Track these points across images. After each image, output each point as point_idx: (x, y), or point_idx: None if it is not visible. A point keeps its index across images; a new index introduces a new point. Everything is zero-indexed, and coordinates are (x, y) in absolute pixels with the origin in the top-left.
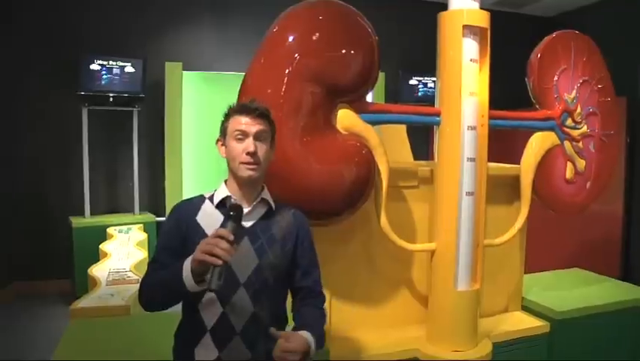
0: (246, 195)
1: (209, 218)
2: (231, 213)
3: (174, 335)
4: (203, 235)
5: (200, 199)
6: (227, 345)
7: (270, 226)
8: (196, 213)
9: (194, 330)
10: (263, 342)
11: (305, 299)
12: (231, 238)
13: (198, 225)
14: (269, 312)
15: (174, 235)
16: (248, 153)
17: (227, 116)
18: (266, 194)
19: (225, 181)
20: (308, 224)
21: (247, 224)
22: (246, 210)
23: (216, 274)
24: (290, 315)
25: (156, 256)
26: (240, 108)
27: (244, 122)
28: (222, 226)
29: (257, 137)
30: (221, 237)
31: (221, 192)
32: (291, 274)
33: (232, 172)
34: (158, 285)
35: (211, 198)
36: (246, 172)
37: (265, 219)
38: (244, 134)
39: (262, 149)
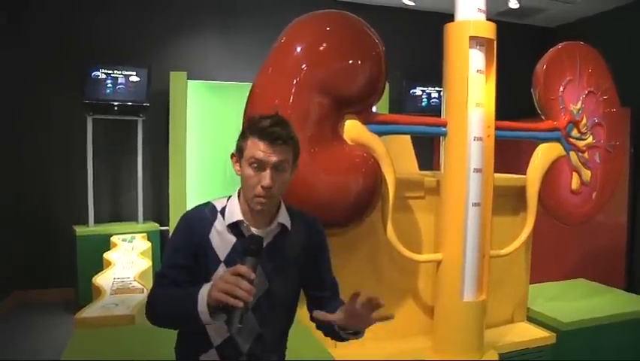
0: (259, 219)
1: (221, 240)
2: (251, 246)
3: (174, 349)
4: (215, 257)
5: (212, 212)
6: None
7: (284, 245)
8: (209, 230)
9: (200, 343)
10: (269, 358)
11: (330, 301)
12: (252, 276)
13: (210, 244)
14: (275, 333)
15: (185, 251)
16: (263, 187)
17: (245, 136)
18: (282, 216)
19: (238, 194)
20: (322, 232)
21: None
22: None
23: (237, 317)
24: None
25: (166, 271)
26: (260, 132)
27: (262, 150)
28: (241, 260)
29: (276, 167)
30: (241, 275)
31: (234, 214)
32: (306, 285)
33: (245, 198)
34: (170, 308)
35: (222, 212)
36: (257, 206)
37: (279, 240)
38: (261, 165)
39: (280, 179)
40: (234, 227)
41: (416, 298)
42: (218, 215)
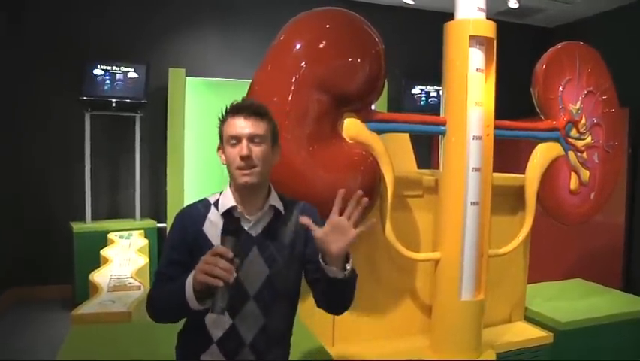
0: (251, 202)
1: (216, 229)
2: (229, 227)
3: (176, 347)
4: (211, 247)
5: (205, 206)
6: (236, 356)
7: (279, 231)
8: (202, 223)
9: (199, 340)
10: (272, 353)
11: None
12: (230, 255)
13: (205, 236)
14: (280, 322)
15: (181, 247)
16: (242, 158)
17: (222, 121)
18: (274, 199)
19: (230, 185)
20: (316, 212)
21: (254, 233)
22: (251, 221)
23: (219, 297)
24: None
25: (163, 268)
26: (231, 109)
27: (237, 125)
28: (221, 242)
29: (251, 139)
30: (220, 255)
31: (227, 201)
32: (307, 271)
33: (232, 180)
34: (165, 301)
35: (216, 204)
36: (241, 178)
37: (273, 224)
38: (237, 139)
39: (258, 151)
40: (228, 214)
41: (414, 298)
42: (212, 207)
